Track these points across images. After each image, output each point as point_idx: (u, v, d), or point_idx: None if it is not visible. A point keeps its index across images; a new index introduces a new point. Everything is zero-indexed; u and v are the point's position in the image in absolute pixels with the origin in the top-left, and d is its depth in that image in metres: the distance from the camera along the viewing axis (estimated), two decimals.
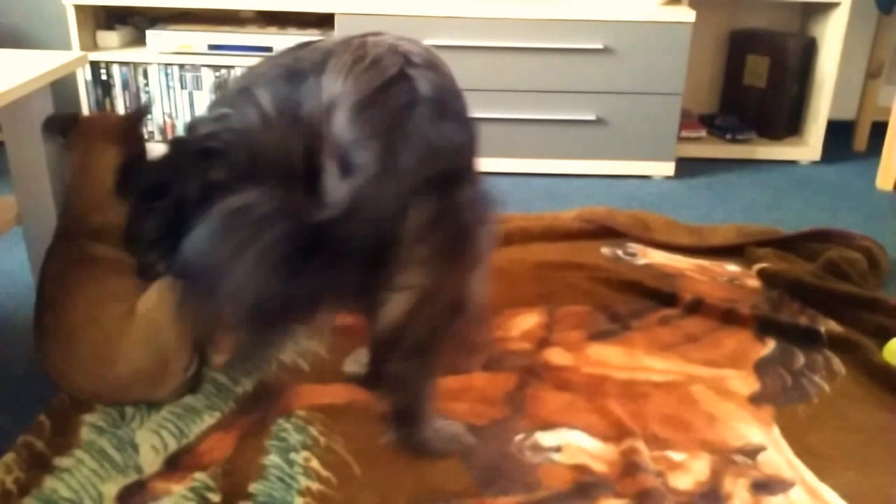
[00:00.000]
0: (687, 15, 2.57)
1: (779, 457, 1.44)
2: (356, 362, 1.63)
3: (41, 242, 1.61)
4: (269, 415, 1.50)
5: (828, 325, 1.81)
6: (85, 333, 1.44)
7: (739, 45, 3.01)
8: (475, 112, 1.38)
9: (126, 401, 1.50)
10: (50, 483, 1.33)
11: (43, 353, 1.49)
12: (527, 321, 1.82)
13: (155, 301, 1.48)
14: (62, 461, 1.38)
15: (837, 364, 1.71)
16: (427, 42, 2.56)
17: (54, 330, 1.46)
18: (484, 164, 2.84)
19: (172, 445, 1.43)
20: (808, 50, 2.88)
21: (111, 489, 1.33)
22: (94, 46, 2.72)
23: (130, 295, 1.49)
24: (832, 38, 2.79)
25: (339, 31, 2.57)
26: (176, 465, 1.39)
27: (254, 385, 1.58)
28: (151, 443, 1.43)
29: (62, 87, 2.66)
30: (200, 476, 1.35)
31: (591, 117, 2.67)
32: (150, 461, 1.39)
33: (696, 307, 1.88)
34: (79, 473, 1.36)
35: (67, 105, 2.65)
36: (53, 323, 1.46)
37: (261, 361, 1.63)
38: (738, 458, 1.43)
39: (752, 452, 1.45)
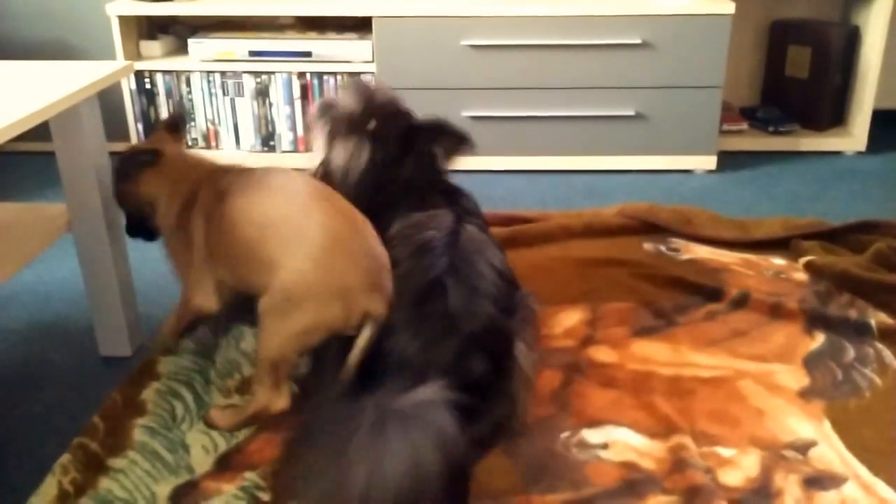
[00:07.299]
0: (726, 6, 2.54)
1: (831, 452, 1.41)
2: None
3: (91, 249, 1.65)
4: None
5: (878, 318, 1.78)
6: None
7: (780, 36, 2.97)
8: (515, 111, 1.34)
9: None
10: (105, 484, 1.36)
11: None
12: (570, 318, 1.82)
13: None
14: (116, 462, 1.41)
15: (889, 357, 1.67)
16: (464, 42, 2.58)
17: None
18: (524, 162, 2.84)
19: (222, 446, 1.45)
20: (852, 39, 2.83)
21: (164, 489, 1.35)
22: (138, 56, 2.78)
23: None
24: (876, 25, 2.74)
25: (378, 35, 2.59)
26: (227, 465, 1.41)
27: (299, 385, 1.60)
28: (202, 443, 1.46)
29: (108, 97, 2.71)
30: (251, 475, 1.36)
31: (631, 112, 2.65)
32: (202, 461, 1.42)
33: (743, 302, 1.86)
34: (132, 474, 1.38)
35: (114, 114, 2.71)
36: None
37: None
38: (789, 453, 1.41)
39: (803, 448, 1.43)
